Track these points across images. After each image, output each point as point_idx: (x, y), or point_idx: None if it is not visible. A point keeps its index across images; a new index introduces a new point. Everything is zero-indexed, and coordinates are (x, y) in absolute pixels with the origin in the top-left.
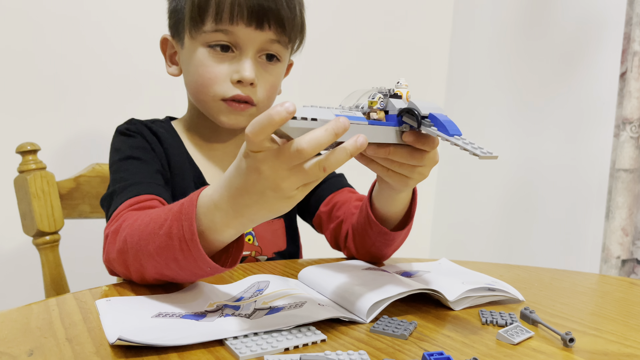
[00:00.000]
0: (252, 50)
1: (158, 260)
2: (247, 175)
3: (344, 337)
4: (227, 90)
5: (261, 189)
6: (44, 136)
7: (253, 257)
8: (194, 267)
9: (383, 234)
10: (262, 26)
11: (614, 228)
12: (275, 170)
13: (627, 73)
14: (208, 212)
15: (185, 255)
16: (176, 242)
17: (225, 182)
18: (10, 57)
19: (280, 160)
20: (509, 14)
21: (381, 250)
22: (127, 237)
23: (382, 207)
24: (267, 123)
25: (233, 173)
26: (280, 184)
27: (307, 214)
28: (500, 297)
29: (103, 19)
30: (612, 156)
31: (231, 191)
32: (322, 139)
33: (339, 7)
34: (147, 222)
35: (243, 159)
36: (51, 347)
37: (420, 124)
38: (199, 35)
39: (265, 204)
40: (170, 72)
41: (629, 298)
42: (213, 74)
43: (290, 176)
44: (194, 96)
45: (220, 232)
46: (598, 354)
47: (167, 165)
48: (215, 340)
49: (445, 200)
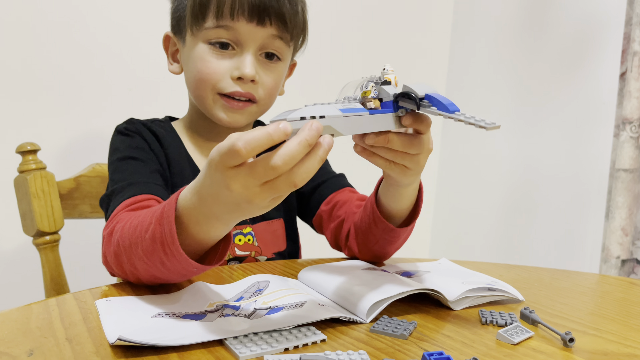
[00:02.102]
0: (253, 47)
1: (147, 262)
2: (218, 188)
3: (344, 337)
4: (226, 86)
5: (234, 201)
6: (44, 136)
7: (253, 258)
8: (180, 269)
9: (388, 231)
10: (263, 22)
11: (613, 228)
12: (246, 187)
13: (627, 73)
14: (188, 213)
15: (169, 257)
16: (159, 246)
17: (197, 188)
18: (11, 57)
19: (253, 177)
20: (509, 14)
21: (384, 247)
22: (119, 239)
23: (388, 203)
24: (266, 142)
25: (204, 180)
26: (253, 199)
27: (307, 214)
28: (500, 297)
29: (103, 19)
30: (612, 156)
31: (202, 197)
32: (296, 152)
33: (339, 7)
34: (136, 225)
35: (213, 171)
36: (51, 347)
37: (419, 106)
38: (200, 32)
39: (241, 212)
40: (171, 69)
41: (628, 298)
42: (212, 69)
43: (262, 192)
44: (193, 92)
45: (205, 231)
46: (598, 354)
47: (166, 165)
48: (215, 340)
49: (446, 200)
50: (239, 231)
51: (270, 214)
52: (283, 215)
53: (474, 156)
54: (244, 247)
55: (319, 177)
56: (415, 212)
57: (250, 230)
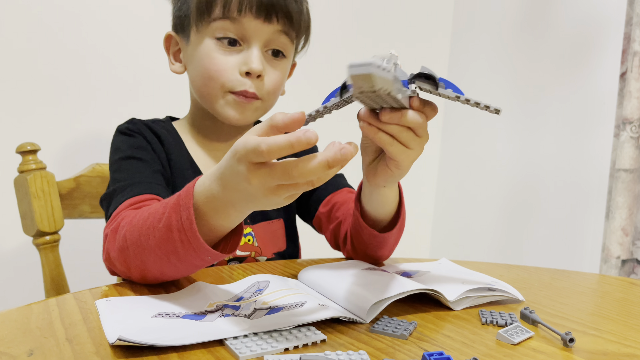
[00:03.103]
0: (259, 42)
1: (159, 253)
2: (238, 179)
3: (344, 337)
4: (235, 83)
5: (252, 192)
6: (44, 136)
7: (252, 258)
8: (193, 258)
9: (373, 237)
10: (270, 19)
11: (614, 228)
12: (264, 184)
13: (627, 73)
14: (207, 201)
15: (184, 245)
16: (176, 234)
17: (219, 174)
18: (11, 56)
19: (272, 177)
20: (509, 14)
21: (376, 252)
22: (126, 234)
23: (371, 209)
24: (287, 148)
25: (226, 169)
26: (269, 195)
27: (307, 215)
28: (500, 297)
29: (104, 19)
30: (612, 156)
31: (224, 184)
32: (315, 170)
33: (339, 7)
34: (146, 217)
35: (236, 162)
36: (51, 347)
37: (437, 86)
38: (206, 28)
39: (256, 204)
40: (173, 69)
41: (628, 298)
42: (220, 66)
43: (279, 190)
44: (199, 90)
45: (222, 218)
46: (598, 354)
47: (167, 165)
48: (215, 340)
49: (446, 200)
50: None
51: (270, 214)
52: (283, 216)
53: (474, 156)
54: (244, 247)
55: None
56: (398, 215)
57: (250, 231)
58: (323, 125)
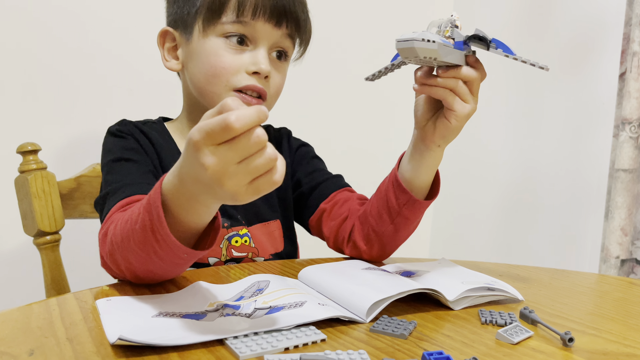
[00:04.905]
0: (267, 44)
1: (142, 254)
2: (195, 169)
3: (344, 337)
4: (240, 80)
5: (209, 181)
6: (45, 136)
7: (250, 259)
8: (172, 256)
9: (411, 205)
10: (280, 24)
11: (613, 228)
12: (222, 164)
13: (626, 73)
14: (173, 198)
15: (160, 245)
16: (150, 234)
17: (178, 168)
18: (11, 56)
19: (232, 152)
20: (509, 14)
21: (398, 231)
22: (112, 238)
23: (413, 176)
24: (254, 115)
25: (183, 161)
26: (225, 180)
27: (305, 214)
28: (500, 296)
29: (104, 19)
30: (612, 156)
31: (182, 177)
32: (251, 113)
33: (339, 7)
34: (126, 219)
35: (192, 150)
36: (52, 346)
37: (489, 46)
38: (214, 27)
39: (217, 193)
40: (169, 66)
41: (628, 298)
42: (227, 64)
43: (237, 172)
44: (202, 88)
45: (190, 214)
46: (597, 354)
47: (159, 166)
48: (215, 340)
49: (445, 200)
50: (235, 232)
51: (266, 215)
52: (280, 217)
53: (473, 156)
54: (241, 248)
55: (318, 177)
56: (436, 184)
57: (247, 232)
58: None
